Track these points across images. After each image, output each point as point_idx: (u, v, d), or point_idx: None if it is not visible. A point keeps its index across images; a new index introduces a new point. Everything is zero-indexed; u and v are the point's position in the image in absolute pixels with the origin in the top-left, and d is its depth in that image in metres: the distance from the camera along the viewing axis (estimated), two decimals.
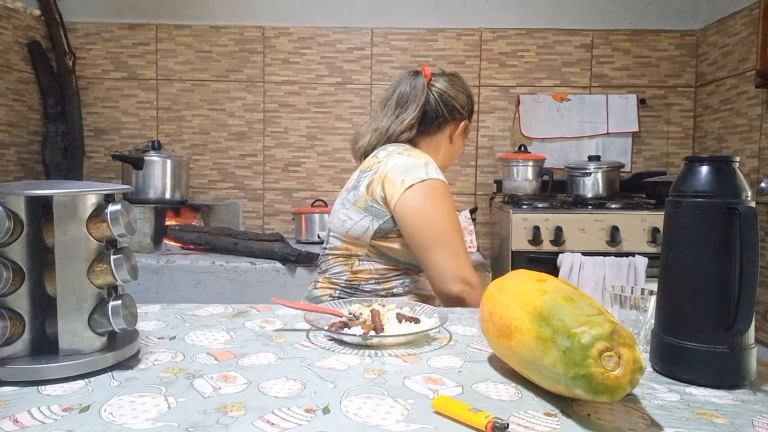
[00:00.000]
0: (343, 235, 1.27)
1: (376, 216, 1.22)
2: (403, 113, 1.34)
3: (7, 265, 0.65)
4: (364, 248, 1.25)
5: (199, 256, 2.22)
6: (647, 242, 2.11)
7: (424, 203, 1.19)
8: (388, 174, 1.22)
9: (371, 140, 1.37)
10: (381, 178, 1.23)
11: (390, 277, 1.25)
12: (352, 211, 1.26)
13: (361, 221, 1.24)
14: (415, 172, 1.21)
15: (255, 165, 2.80)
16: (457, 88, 1.37)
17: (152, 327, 0.89)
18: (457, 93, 1.36)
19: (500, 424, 0.54)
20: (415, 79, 1.36)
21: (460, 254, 1.20)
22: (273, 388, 0.65)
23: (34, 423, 0.55)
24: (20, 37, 2.49)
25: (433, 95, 1.34)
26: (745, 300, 0.66)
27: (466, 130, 1.42)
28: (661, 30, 2.68)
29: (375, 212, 1.23)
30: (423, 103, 1.33)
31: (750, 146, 2.23)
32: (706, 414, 0.61)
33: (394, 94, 1.37)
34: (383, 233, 1.23)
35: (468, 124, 1.41)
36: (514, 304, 0.68)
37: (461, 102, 1.37)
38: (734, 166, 0.70)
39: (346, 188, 1.34)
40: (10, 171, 2.45)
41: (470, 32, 2.72)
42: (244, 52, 2.75)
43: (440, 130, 1.36)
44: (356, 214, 1.25)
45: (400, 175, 1.21)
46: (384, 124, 1.36)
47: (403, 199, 1.19)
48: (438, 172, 1.24)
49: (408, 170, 1.21)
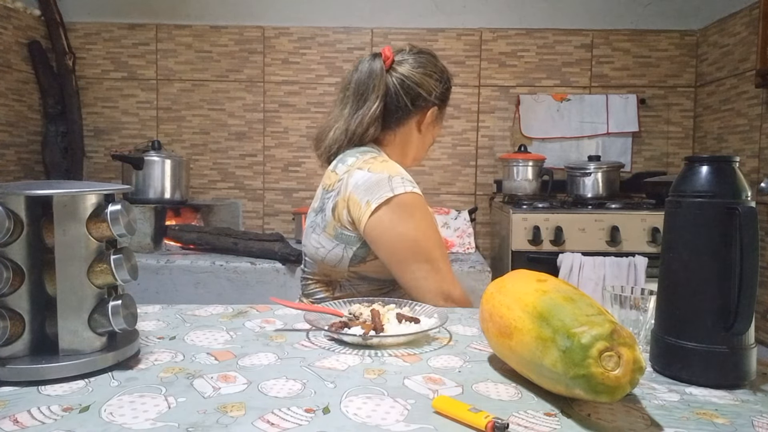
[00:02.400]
0: (318, 262, 1.19)
1: (348, 243, 1.13)
2: (362, 108, 1.18)
3: (7, 265, 0.65)
4: (344, 274, 1.16)
5: (199, 256, 2.22)
6: (647, 242, 2.11)
7: (393, 224, 1.08)
8: (351, 195, 1.11)
9: (333, 141, 1.22)
10: (345, 201, 1.12)
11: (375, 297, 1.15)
12: (323, 237, 1.16)
13: (334, 250, 1.14)
14: (378, 190, 1.08)
15: (255, 165, 2.80)
16: (424, 70, 1.19)
17: (152, 327, 0.89)
18: (422, 78, 1.19)
19: (500, 424, 0.54)
20: (372, 63, 1.18)
21: (441, 269, 1.10)
22: (273, 388, 0.65)
23: (34, 423, 0.55)
24: (20, 37, 2.49)
25: (393, 82, 1.18)
26: (745, 300, 0.66)
27: (439, 118, 1.25)
28: (661, 30, 2.68)
29: (346, 239, 1.13)
30: (383, 93, 1.17)
31: (750, 146, 2.23)
32: (706, 414, 0.61)
33: (350, 83, 1.20)
34: (360, 259, 1.13)
35: (438, 111, 1.23)
36: (514, 304, 0.68)
37: (427, 87, 1.19)
38: (734, 166, 0.70)
39: (312, 208, 1.24)
40: (10, 171, 2.45)
41: (470, 32, 2.72)
42: (244, 52, 2.75)
43: (402, 123, 1.21)
44: (328, 242, 1.15)
45: (364, 195, 1.09)
46: (342, 124, 1.21)
47: (370, 225, 1.08)
48: (405, 182, 1.10)
49: (370, 189, 1.09)
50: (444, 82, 1.23)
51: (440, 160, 2.76)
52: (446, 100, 1.26)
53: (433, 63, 1.22)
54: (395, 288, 1.19)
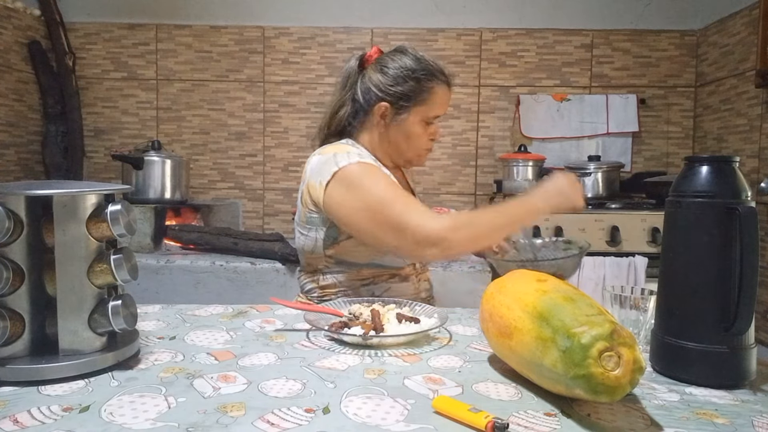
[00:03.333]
0: (300, 252, 1.23)
1: (318, 225, 1.16)
2: (337, 106, 1.22)
3: (7, 265, 0.65)
4: (322, 260, 1.19)
5: (199, 256, 2.22)
6: (647, 242, 2.11)
7: (343, 197, 1.09)
8: (309, 180, 1.15)
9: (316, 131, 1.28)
10: (306, 187, 1.16)
11: (358, 288, 1.18)
12: (300, 227, 1.21)
13: (309, 234, 1.18)
14: (327, 168, 1.10)
15: (255, 165, 2.80)
16: (380, 67, 1.18)
17: (152, 327, 0.89)
18: (377, 74, 1.18)
19: (500, 424, 0.54)
20: (350, 61, 1.22)
21: (408, 223, 1.02)
22: (273, 388, 0.65)
23: (34, 423, 0.55)
24: (20, 37, 2.49)
25: (360, 80, 1.20)
26: (745, 300, 0.66)
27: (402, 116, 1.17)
28: (661, 30, 2.68)
29: (315, 222, 1.16)
30: (352, 91, 1.20)
31: (750, 146, 2.23)
32: (706, 414, 0.61)
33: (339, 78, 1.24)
34: (333, 240, 1.16)
35: (392, 108, 1.17)
36: (514, 304, 0.68)
37: (377, 83, 1.17)
38: (734, 166, 0.71)
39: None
40: (10, 171, 2.45)
41: (470, 32, 2.72)
42: (244, 52, 2.75)
43: (367, 120, 1.20)
44: (303, 229, 1.20)
45: (317, 177, 1.12)
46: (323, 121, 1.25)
47: (326, 203, 1.11)
48: (350, 155, 1.11)
49: (320, 170, 1.12)
50: (402, 79, 1.16)
51: (440, 160, 2.76)
52: (404, 98, 1.17)
53: (395, 60, 1.18)
54: (375, 281, 1.19)
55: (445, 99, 1.20)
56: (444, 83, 1.19)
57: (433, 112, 1.19)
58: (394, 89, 1.16)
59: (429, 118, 1.19)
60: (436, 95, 1.18)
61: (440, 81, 1.18)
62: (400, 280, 1.21)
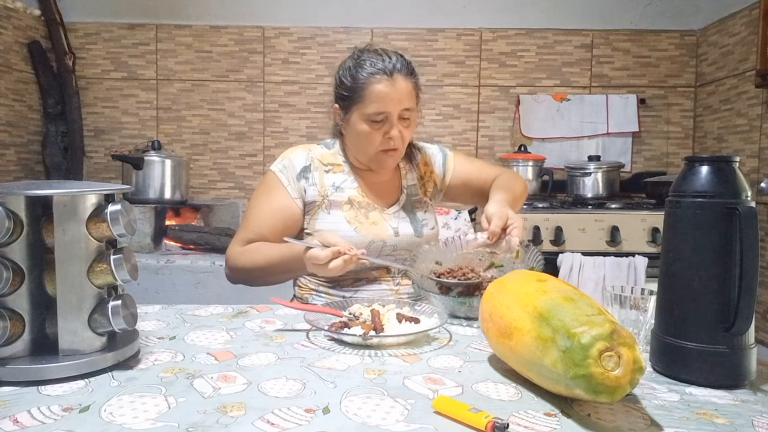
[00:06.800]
0: None
1: None
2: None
3: (7, 265, 0.65)
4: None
5: (199, 256, 2.22)
6: (647, 242, 2.11)
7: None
8: None
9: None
10: None
11: (321, 291, 1.20)
12: None
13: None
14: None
15: (255, 165, 2.79)
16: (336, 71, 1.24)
17: (152, 327, 0.89)
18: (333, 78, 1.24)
19: (500, 424, 0.54)
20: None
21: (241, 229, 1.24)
22: (273, 388, 0.65)
23: (34, 423, 0.55)
24: (20, 37, 2.49)
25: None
26: (744, 300, 0.66)
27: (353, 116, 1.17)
28: (661, 30, 2.68)
29: None
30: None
31: (750, 146, 2.23)
32: (706, 414, 0.61)
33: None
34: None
35: (341, 109, 1.19)
36: (514, 304, 0.68)
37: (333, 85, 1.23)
38: (734, 166, 0.70)
39: None
40: (10, 171, 2.45)
41: (470, 32, 2.72)
42: (244, 52, 2.75)
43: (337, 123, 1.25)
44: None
45: None
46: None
47: None
48: (280, 160, 1.26)
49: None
50: (341, 79, 1.19)
51: None
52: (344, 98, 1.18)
53: (343, 61, 1.23)
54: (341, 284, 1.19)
55: (383, 95, 1.13)
56: (383, 79, 1.13)
57: (372, 108, 1.13)
58: (338, 90, 1.21)
59: (370, 115, 1.14)
60: (371, 92, 1.13)
61: (376, 77, 1.14)
62: (367, 282, 1.18)
